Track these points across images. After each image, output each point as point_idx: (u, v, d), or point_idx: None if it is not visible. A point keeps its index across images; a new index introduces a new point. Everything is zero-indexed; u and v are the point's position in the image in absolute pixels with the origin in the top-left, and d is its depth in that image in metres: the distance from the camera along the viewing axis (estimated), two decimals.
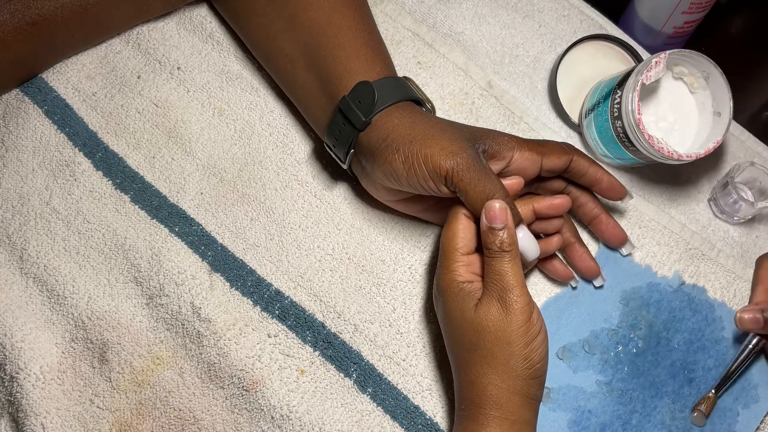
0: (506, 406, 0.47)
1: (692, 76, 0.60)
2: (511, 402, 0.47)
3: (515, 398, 0.47)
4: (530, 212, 0.54)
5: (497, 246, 0.48)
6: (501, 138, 0.52)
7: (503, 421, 0.47)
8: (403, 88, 0.54)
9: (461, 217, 0.50)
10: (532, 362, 0.47)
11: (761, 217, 0.63)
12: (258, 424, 0.53)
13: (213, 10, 0.64)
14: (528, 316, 0.47)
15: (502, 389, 0.47)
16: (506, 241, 0.48)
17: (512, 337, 0.46)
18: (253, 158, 0.60)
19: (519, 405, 0.47)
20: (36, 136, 0.59)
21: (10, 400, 0.53)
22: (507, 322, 0.47)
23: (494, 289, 0.47)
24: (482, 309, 0.47)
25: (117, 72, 0.61)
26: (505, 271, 0.47)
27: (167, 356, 0.54)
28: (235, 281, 0.56)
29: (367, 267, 0.58)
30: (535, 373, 0.47)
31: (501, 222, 0.48)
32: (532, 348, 0.47)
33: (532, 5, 0.67)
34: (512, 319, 0.47)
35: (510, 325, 0.47)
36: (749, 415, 0.57)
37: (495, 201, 0.48)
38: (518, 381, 0.47)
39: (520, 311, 0.47)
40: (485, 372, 0.47)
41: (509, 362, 0.47)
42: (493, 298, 0.47)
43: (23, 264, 0.56)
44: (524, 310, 0.47)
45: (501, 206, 0.48)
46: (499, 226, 0.48)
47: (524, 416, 0.47)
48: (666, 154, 0.55)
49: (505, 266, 0.48)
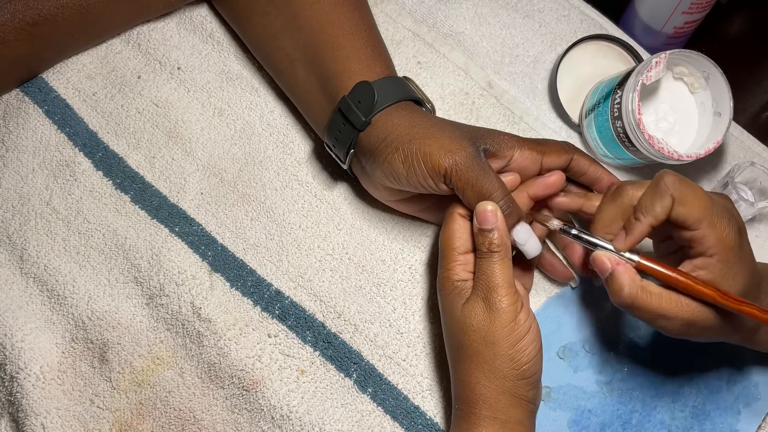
0: (495, 406, 0.47)
1: (692, 76, 0.60)
2: (500, 402, 0.47)
3: (503, 398, 0.47)
4: (526, 199, 0.53)
5: (486, 247, 0.48)
6: (501, 137, 0.52)
7: (493, 420, 0.47)
8: (403, 88, 0.54)
9: (457, 217, 0.50)
10: (519, 363, 0.47)
11: (761, 216, 0.63)
12: (258, 424, 0.53)
13: (213, 10, 0.64)
14: (513, 316, 0.47)
15: (490, 389, 0.47)
16: (495, 242, 0.48)
17: (496, 338, 0.47)
18: (253, 158, 0.60)
19: (509, 405, 0.47)
20: (36, 136, 0.59)
21: (10, 400, 0.53)
22: (490, 322, 0.47)
23: (480, 288, 0.48)
24: (468, 308, 0.48)
25: (117, 72, 0.61)
26: (492, 271, 0.48)
27: (167, 356, 0.54)
28: (235, 281, 0.56)
29: (367, 267, 0.58)
30: (523, 374, 0.47)
31: (491, 224, 0.48)
32: (519, 348, 0.47)
33: (532, 5, 0.67)
34: (496, 319, 0.47)
35: (493, 324, 0.47)
36: (750, 413, 0.57)
37: (487, 203, 0.48)
38: (505, 381, 0.47)
39: (504, 311, 0.47)
40: (472, 371, 0.47)
41: (494, 363, 0.47)
42: (479, 297, 0.47)
43: (23, 264, 0.56)
44: (509, 310, 0.47)
45: (492, 208, 0.48)
46: (488, 228, 0.48)
47: (515, 416, 0.47)
48: (666, 154, 0.55)
49: (493, 266, 0.48)
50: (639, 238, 0.47)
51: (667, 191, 0.46)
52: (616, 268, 0.47)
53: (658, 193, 0.46)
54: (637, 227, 0.47)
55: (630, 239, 0.47)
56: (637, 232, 0.47)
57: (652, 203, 0.46)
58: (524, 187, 0.53)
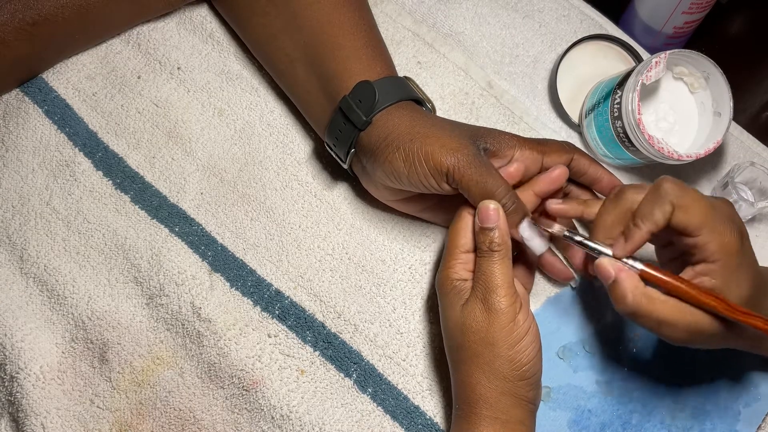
0: (496, 406, 0.47)
1: (692, 76, 0.60)
2: (500, 402, 0.47)
3: (504, 399, 0.47)
4: (532, 197, 0.53)
5: (486, 246, 0.48)
6: (502, 136, 0.52)
7: (494, 420, 0.47)
8: (404, 88, 0.54)
9: (465, 215, 0.50)
10: (519, 364, 0.47)
11: (761, 216, 0.63)
12: (258, 424, 0.53)
13: (213, 10, 0.64)
14: (512, 317, 0.47)
15: (490, 389, 0.47)
16: (496, 241, 0.48)
17: (495, 339, 0.46)
18: (253, 158, 0.60)
19: (509, 405, 0.47)
20: (36, 136, 0.59)
21: (10, 400, 0.53)
22: (489, 323, 0.47)
23: (480, 289, 0.48)
24: (467, 309, 0.48)
25: (117, 72, 0.61)
26: (491, 271, 0.48)
27: (167, 356, 0.54)
28: (235, 281, 0.56)
29: (367, 267, 0.58)
30: (523, 374, 0.47)
31: (492, 222, 0.48)
32: (518, 349, 0.47)
33: (532, 5, 0.67)
34: (495, 320, 0.46)
35: (492, 325, 0.46)
36: (750, 414, 0.57)
37: (489, 201, 0.48)
38: (505, 383, 0.47)
39: (503, 312, 0.47)
40: (473, 372, 0.47)
41: (494, 364, 0.46)
42: (478, 298, 0.47)
43: (23, 264, 0.56)
44: (508, 311, 0.47)
45: (494, 207, 0.48)
46: (490, 226, 0.48)
47: (516, 416, 0.47)
48: (666, 154, 0.55)
49: (493, 266, 0.48)
50: (638, 244, 0.46)
51: (667, 198, 0.45)
52: (619, 275, 0.46)
53: (657, 200, 0.45)
54: (637, 234, 0.46)
55: (629, 246, 0.46)
56: (637, 238, 0.46)
57: (652, 210, 0.45)
58: (529, 186, 0.53)
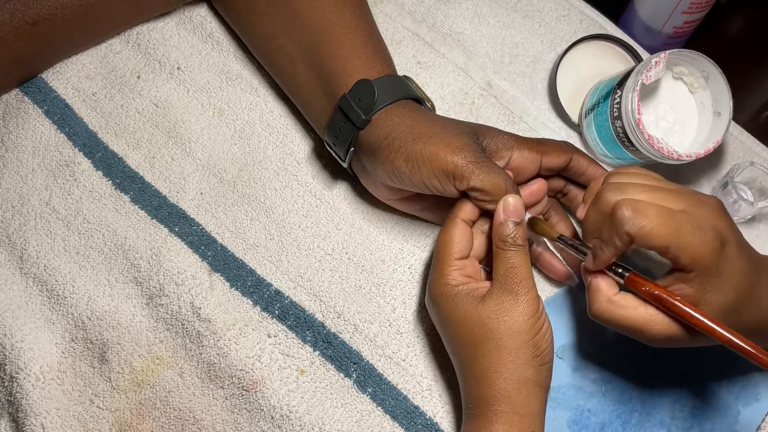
0: (515, 399, 0.47)
1: (692, 76, 0.60)
2: (521, 393, 0.47)
3: (524, 388, 0.47)
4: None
5: (511, 240, 0.49)
6: (500, 136, 0.52)
7: (512, 415, 0.47)
8: (403, 87, 0.54)
9: (458, 222, 0.50)
10: (541, 348, 0.48)
11: (761, 216, 0.63)
12: (258, 424, 0.53)
13: (213, 10, 0.64)
14: (537, 307, 0.48)
15: (511, 381, 0.47)
16: (520, 235, 0.49)
17: (523, 327, 0.47)
18: (253, 158, 0.60)
19: (528, 395, 0.47)
20: (36, 136, 0.59)
21: (10, 400, 0.53)
22: (519, 313, 0.47)
23: (506, 281, 0.48)
24: (489, 303, 0.48)
25: (117, 72, 0.62)
26: (518, 264, 0.48)
27: (167, 356, 0.54)
28: (235, 281, 0.56)
29: (367, 267, 0.58)
30: (544, 358, 0.48)
31: (519, 216, 0.49)
32: (541, 335, 0.48)
33: (532, 5, 0.67)
34: (523, 310, 0.47)
35: (522, 315, 0.47)
36: (750, 414, 0.57)
37: (510, 196, 0.49)
38: (528, 369, 0.47)
39: (531, 302, 0.48)
40: (492, 365, 0.47)
41: (519, 351, 0.47)
42: (504, 290, 0.48)
43: (23, 264, 0.56)
44: (534, 301, 0.48)
45: (516, 200, 0.49)
46: (517, 220, 0.49)
47: (533, 408, 0.47)
48: (666, 154, 0.55)
49: (519, 259, 0.49)
50: (605, 263, 0.47)
51: (623, 228, 0.43)
52: (592, 281, 0.48)
53: (614, 228, 0.44)
54: (601, 255, 0.46)
55: (597, 263, 0.47)
56: (604, 258, 0.46)
57: (611, 237, 0.45)
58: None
